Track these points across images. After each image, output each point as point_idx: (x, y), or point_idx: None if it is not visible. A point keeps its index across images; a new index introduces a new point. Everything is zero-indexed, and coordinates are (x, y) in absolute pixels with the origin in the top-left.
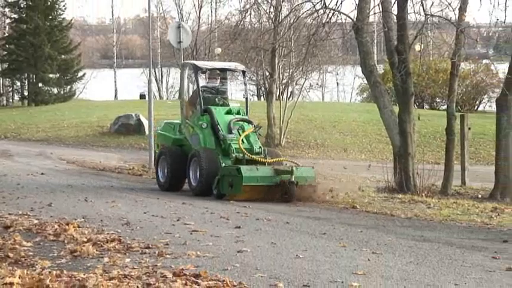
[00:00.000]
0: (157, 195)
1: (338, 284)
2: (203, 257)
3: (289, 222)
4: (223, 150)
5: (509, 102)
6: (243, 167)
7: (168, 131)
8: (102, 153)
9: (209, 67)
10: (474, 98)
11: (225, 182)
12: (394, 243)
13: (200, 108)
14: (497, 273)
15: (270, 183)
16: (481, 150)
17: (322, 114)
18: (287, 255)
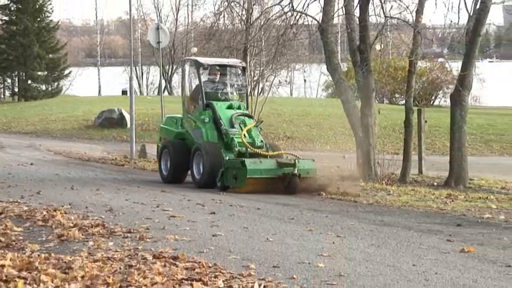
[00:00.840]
0: (137, 184)
1: (305, 265)
2: (181, 241)
3: (260, 208)
4: (226, 144)
5: (462, 97)
6: (247, 160)
7: (170, 125)
8: (87, 145)
9: (210, 63)
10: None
11: (229, 174)
12: (356, 227)
13: (202, 103)
14: (451, 254)
15: (273, 175)
16: (437, 141)
17: (290, 109)
18: (258, 238)
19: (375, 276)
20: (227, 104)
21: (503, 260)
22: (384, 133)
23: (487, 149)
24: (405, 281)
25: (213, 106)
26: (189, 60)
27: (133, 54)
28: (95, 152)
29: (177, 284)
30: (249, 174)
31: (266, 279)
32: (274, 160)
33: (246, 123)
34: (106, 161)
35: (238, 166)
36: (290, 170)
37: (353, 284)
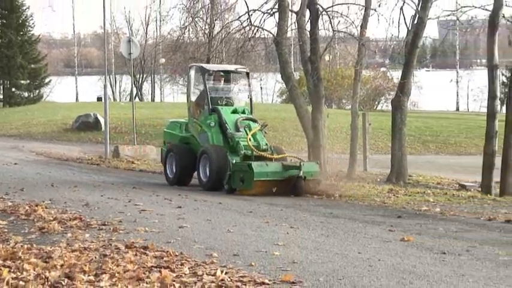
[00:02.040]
0: (111, 181)
1: (262, 253)
2: (150, 232)
3: (222, 202)
4: (231, 148)
5: (402, 102)
6: (253, 163)
7: (174, 129)
8: (66, 146)
9: (215, 69)
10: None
11: (236, 177)
12: (308, 219)
13: (208, 108)
14: (393, 243)
15: (279, 178)
16: (379, 142)
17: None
18: (220, 230)
19: (325, 263)
20: (232, 108)
21: (439, 247)
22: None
23: (424, 149)
24: (352, 267)
25: (218, 111)
26: (195, 67)
27: (107, 64)
28: (72, 153)
29: (147, 271)
30: (256, 177)
31: (227, 266)
32: (280, 163)
33: (251, 127)
34: (83, 160)
35: (246, 169)
36: (296, 173)
37: (305, 270)
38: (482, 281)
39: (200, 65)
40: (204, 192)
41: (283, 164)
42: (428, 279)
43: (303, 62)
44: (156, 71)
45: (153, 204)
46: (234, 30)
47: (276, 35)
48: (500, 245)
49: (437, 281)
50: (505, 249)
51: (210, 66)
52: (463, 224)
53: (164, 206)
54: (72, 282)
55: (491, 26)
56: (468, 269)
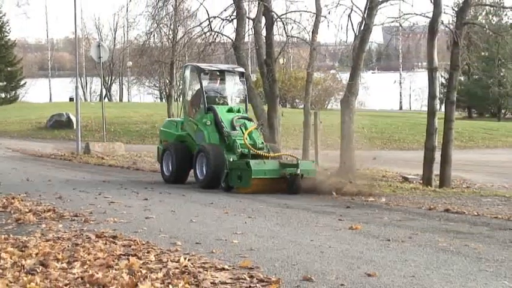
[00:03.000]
0: (83, 176)
1: (222, 241)
2: (119, 223)
3: (185, 194)
4: (227, 146)
5: (350, 102)
6: (251, 161)
7: (170, 128)
8: (40, 143)
9: (211, 69)
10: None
11: (233, 175)
12: (264, 210)
13: (204, 107)
14: (342, 231)
15: (276, 176)
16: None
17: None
18: (183, 220)
19: (280, 250)
20: (227, 107)
21: (384, 235)
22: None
23: (371, 144)
24: (304, 254)
25: (214, 110)
26: (190, 66)
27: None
28: (46, 149)
29: (116, 258)
30: (254, 175)
31: (190, 253)
32: (277, 161)
33: (246, 126)
34: (56, 156)
35: (243, 167)
36: (293, 171)
37: (262, 257)
38: (423, 265)
39: (196, 64)
40: (168, 185)
41: (280, 162)
42: (375, 264)
43: (259, 65)
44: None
45: (121, 196)
46: (196, 36)
47: (234, 40)
48: (439, 232)
49: (383, 265)
50: (444, 237)
51: (206, 66)
52: (406, 214)
53: (132, 198)
54: (47, 269)
55: (431, 32)
56: (411, 254)
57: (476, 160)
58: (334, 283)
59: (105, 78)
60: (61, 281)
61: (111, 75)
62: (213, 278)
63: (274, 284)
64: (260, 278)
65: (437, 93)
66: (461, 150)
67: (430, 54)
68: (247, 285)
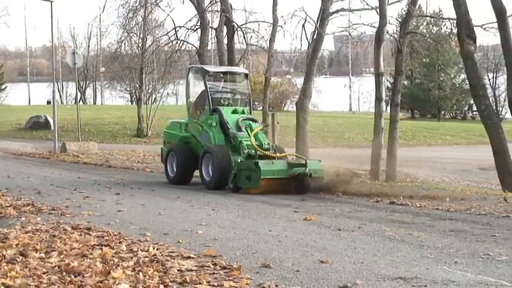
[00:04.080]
0: (59, 173)
1: (188, 232)
2: (93, 215)
3: (154, 189)
4: (233, 147)
5: (305, 104)
6: (260, 161)
7: (174, 129)
8: (20, 143)
9: (215, 70)
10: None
11: (242, 176)
12: (227, 203)
13: (209, 108)
14: (297, 222)
15: (284, 176)
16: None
17: (176, 114)
18: (152, 213)
19: (241, 239)
20: (232, 108)
21: (336, 225)
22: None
23: (324, 143)
24: (263, 243)
25: (219, 111)
26: (194, 68)
27: (55, 73)
28: (26, 149)
29: (90, 248)
30: (263, 175)
31: (159, 243)
32: (285, 161)
33: (252, 127)
34: (35, 155)
35: (252, 167)
36: (301, 170)
37: (224, 246)
38: (371, 252)
39: (201, 66)
40: (138, 181)
41: (288, 162)
42: (327, 251)
43: None
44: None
45: (95, 191)
46: (163, 44)
47: (198, 48)
48: (386, 222)
49: (335, 253)
50: (389, 226)
51: (211, 68)
52: (356, 206)
53: (105, 193)
54: (26, 259)
55: (377, 40)
56: (360, 242)
57: (418, 156)
58: (291, 269)
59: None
60: (39, 269)
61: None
62: (179, 265)
63: (235, 270)
64: (223, 266)
65: (383, 96)
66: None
67: (376, 60)
68: (211, 272)
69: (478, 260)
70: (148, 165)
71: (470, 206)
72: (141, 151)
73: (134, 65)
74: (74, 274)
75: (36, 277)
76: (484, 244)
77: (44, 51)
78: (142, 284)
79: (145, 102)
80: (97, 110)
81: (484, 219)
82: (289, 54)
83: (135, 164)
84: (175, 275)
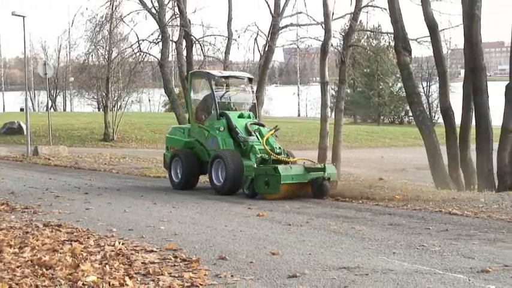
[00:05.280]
0: (32, 174)
1: (151, 228)
2: (63, 213)
3: (119, 189)
4: (243, 151)
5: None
6: (279, 166)
7: (177, 134)
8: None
9: (220, 75)
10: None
11: (259, 181)
12: (187, 201)
13: (216, 113)
14: (251, 218)
15: (302, 180)
16: None
17: (139, 120)
18: (118, 210)
19: (199, 234)
20: (238, 113)
21: (286, 220)
22: None
23: None
24: (220, 237)
25: (227, 115)
26: (198, 73)
27: (28, 82)
28: (0, 152)
29: (60, 243)
30: (283, 180)
31: (124, 238)
32: (302, 165)
33: (261, 131)
34: (9, 158)
35: (271, 173)
36: (320, 175)
37: (184, 240)
38: (318, 245)
39: (206, 71)
40: (105, 181)
41: (305, 166)
42: (278, 244)
43: (181, 80)
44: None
45: (65, 191)
46: (128, 55)
47: (160, 59)
48: (331, 217)
49: (285, 245)
50: (334, 221)
51: (216, 73)
52: (304, 202)
53: (74, 192)
54: (1, 254)
55: (323, 52)
56: (308, 236)
57: (360, 158)
58: (245, 261)
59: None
60: (13, 263)
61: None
62: (143, 258)
63: (194, 262)
64: (183, 258)
65: (328, 103)
66: (349, 149)
67: (322, 70)
68: (172, 264)
69: (414, 250)
70: (115, 166)
71: (407, 202)
72: (108, 154)
73: (101, 75)
74: (46, 267)
75: (11, 270)
76: (419, 236)
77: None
78: (109, 276)
79: (111, 109)
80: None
81: (419, 213)
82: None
83: (102, 166)
84: (139, 267)
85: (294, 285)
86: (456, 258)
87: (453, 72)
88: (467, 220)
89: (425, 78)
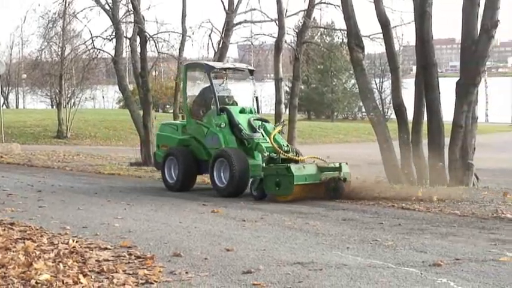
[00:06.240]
0: None
1: (106, 225)
2: (16, 211)
3: (73, 186)
4: (247, 150)
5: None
6: (292, 165)
7: (169, 132)
8: None
9: (220, 67)
10: None
11: (270, 181)
12: (141, 198)
13: (216, 108)
14: (206, 214)
15: (315, 181)
16: None
17: (94, 117)
18: (72, 208)
19: (154, 231)
20: (239, 108)
21: (240, 217)
22: None
23: None
24: (174, 234)
25: (229, 111)
26: (195, 64)
27: None
28: None
29: (13, 242)
30: (296, 181)
31: (78, 236)
32: (315, 165)
33: (266, 128)
34: None
35: (283, 172)
36: (335, 175)
37: (139, 237)
38: (272, 240)
39: (204, 62)
40: (59, 179)
41: (317, 165)
42: (233, 240)
43: (135, 77)
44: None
45: (18, 189)
46: (81, 52)
47: (114, 56)
48: (285, 213)
49: (239, 241)
50: (289, 217)
51: (215, 64)
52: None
53: (27, 190)
54: None
55: (277, 49)
56: (262, 232)
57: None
58: (199, 257)
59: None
60: None
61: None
62: (97, 256)
63: (149, 259)
64: (137, 255)
65: (282, 99)
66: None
67: (276, 67)
68: (126, 262)
69: (367, 245)
70: (68, 164)
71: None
72: (62, 151)
73: (54, 72)
74: None
75: None
76: (372, 231)
77: None
78: (63, 274)
79: (65, 106)
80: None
81: (373, 208)
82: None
83: (55, 164)
84: (93, 265)
85: (249, 280)
86: (409, 253)
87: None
88: (419, 215)
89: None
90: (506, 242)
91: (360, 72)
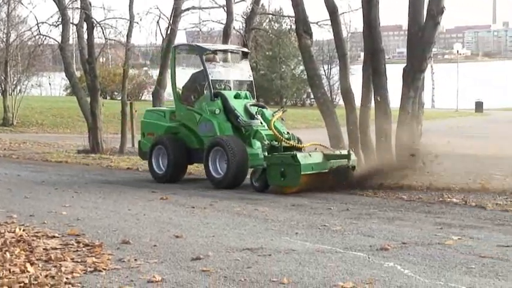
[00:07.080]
0: None
1: (53, 213)
2: None
3: (20, 175)
4: (244, 137)
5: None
6: (298, 154)
7: (156, 118)
8: None
9: (214, 48)
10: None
11: (274, 171)
12: (89, 186)
13: (210, 93)
14: (155, 201)
15: (322, 170)
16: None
17: (40, 104)
18: (19, 196)
19: (102, 219)
20: (233, 93)
21: (189, 203)
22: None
23: None
24: (123, 221)
25: (223, 96)
26: (184, 47)
27: None
28: None
29: None
30: (303, 170)
31: (25, 224)
32: (321, 153)
33: (265, 114)
34: None
35: (289, 162)
36: (342, 163)
37: (87, 225)
38: (222, 227)
39: (195, 44)
40: (4, 166)
41: (324, 153)
42: (182, 227)
43: (82, 63)
44: None
45: None
46: (27, 38)
47: (60, 42)
48: (235, 199)
49: (188, 228)
50: (238, 203)
51: (207, 46)
52: (209, 185)
53: None
54: None
55: (225, 35)
56: (212, 218)
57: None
58: (148, 244)
59: None
60: None
61: None
62: (45, 244)
63: (97, 247)
64: (86, 243)
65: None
66: None
67: None
68: (74, 250)
69: (316, 230)
70: (15, 152)
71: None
72: (8, 139)
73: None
74: None
75: None
76: (321, 216)
77: None
78: (9, 263)
79: (11, 93)
80: None
81: (322, 194)
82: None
83: (1, 152)
84: (40, 254)
85: (198, 267)
86: (356, 237)
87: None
88: (367, 200)
89: (326, 61)
90: (452, 225)
91: (309, 59)
